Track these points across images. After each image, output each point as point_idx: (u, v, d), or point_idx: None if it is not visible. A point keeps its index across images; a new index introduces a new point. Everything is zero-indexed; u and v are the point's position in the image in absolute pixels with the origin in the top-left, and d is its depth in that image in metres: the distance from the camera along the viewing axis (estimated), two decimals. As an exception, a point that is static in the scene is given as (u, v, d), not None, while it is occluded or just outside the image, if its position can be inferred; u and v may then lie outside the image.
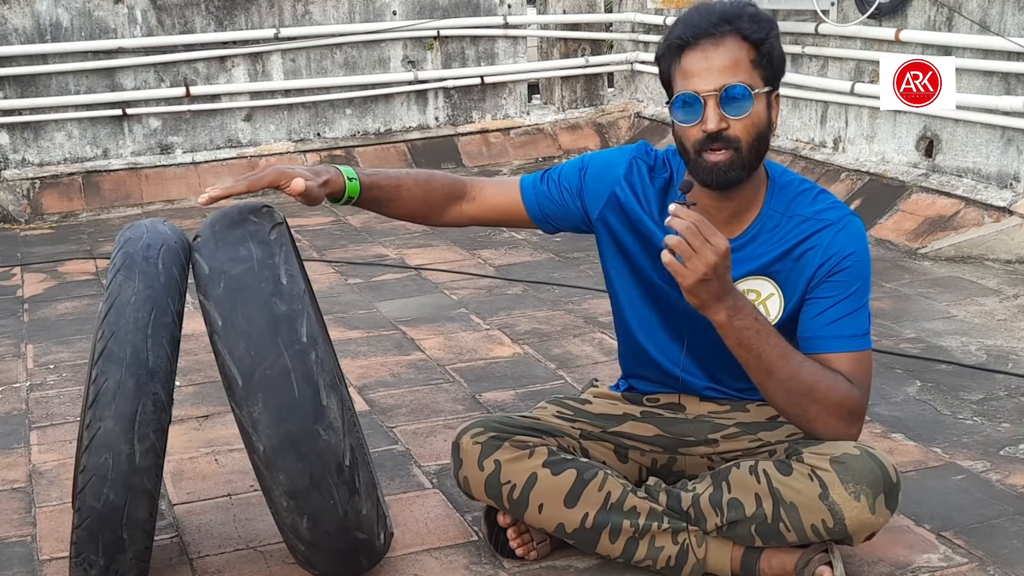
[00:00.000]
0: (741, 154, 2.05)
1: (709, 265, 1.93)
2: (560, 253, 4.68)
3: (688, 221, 1.94)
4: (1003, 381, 3.20)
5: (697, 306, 2.00)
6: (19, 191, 5.66)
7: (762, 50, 2.04)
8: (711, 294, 1.97)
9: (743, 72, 2.03)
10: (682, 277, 1.96)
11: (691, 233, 1.93)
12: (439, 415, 3.07)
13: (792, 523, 2.05)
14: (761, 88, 2.05)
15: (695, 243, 1.93)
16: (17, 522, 2.54)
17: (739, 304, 2.01)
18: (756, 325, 2.02)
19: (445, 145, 6.43)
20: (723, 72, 2.02)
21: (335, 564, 2.12)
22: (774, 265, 2.15)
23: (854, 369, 2.09)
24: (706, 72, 2.03)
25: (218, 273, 2.02)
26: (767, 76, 2.06)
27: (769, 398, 2.09)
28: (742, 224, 2.16)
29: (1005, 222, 4.37)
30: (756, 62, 2.04)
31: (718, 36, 2.03)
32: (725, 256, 1.95)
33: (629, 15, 6.68)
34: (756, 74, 2.04)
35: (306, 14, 6.09)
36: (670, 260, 1.96)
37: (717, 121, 2.02)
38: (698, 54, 2.04)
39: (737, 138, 2.04)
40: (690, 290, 1.97)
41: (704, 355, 2.26)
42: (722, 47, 2.03)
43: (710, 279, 1.95)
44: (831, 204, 2.16)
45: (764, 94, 2.06)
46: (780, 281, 2.16)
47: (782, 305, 2.16)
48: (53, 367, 3.55)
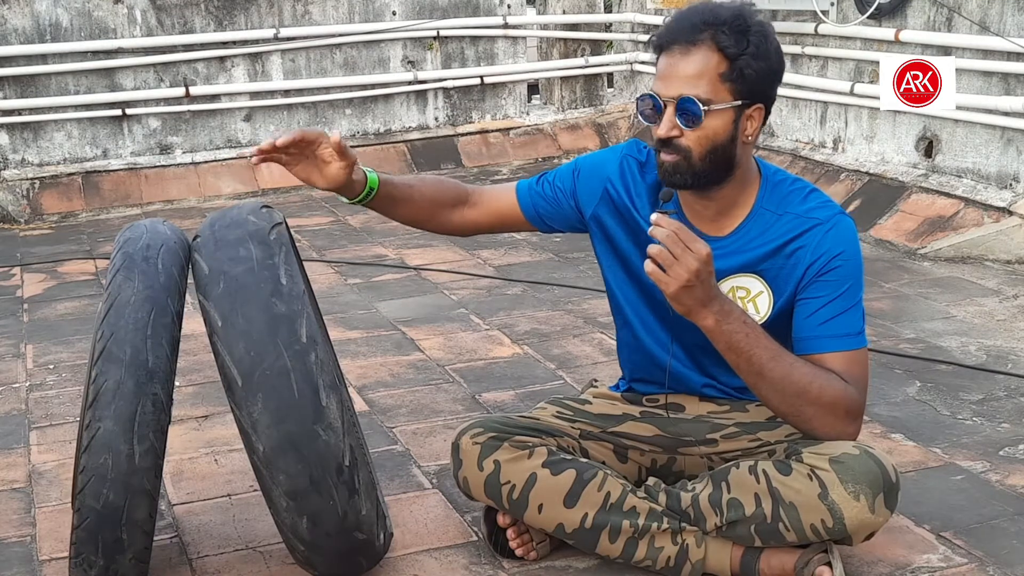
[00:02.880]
0: (691, 162, 2.05)
1: (691, 271, 1.94)
2: (560, 253, 4.68)
3: (668, 229, 1.95)
4: (1003, 381, 3.20)
5: (683, 313, 2.00)
6: (19, 191, 5.66)
7: (735, 65, 2.02)
8: (696, 300, 1.97)
9: (706, 85, 2.02)
10: (665, 285, 1.96)
11: (672, 241, 1.94)
12: (439, 415, 3.07)
13: (792, 523, 2.05)
14: (726, 103, 2.03)
15: (676, 250, 1.94)
16: (17, 522, 2.54)
17: (726, 308, 2.01)
18: (745, 329, 2.02)
19: (445, 145, 6.43)
20: (685, 81, 2.02)
21: (335, 564, 2.12)
22: (764, 262, 2.16)
23: (849, 368, 2.09)
24: (671, 77, 2.04)
25: (218, 273, 2.02)
26: (740, 90, 2.04)
27: (763, 400, 2.10)
28: (734, 222, 2.17)
29: (1005, 222, 4.37)
30: (725, 76, 2.02)
31: (690, 44, 2.02)
32: (707, 262, 1.95)
33: (629, 15, 6.68)
34: (724, 88, 2.03)
35: (306, 14, 6.09)
36: (652, 269, 1.96)
37: (668, 128, 2.04)
38: (669, 57, 2.05)
39: (688, 148, 2.05)
40: (674, 297, 1.97)
41: (695, 349, 2.27)
42: (691, 56, 2.02)
43: (693, 285, 1.95)
44: (821, 203, 2.16)
45: (731, 108, 2.04)
46: (770, 279, 2.16)
47: (771, 303, 2.16)
48: (53, 367, 3.55)
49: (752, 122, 2.09)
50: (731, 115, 2.05)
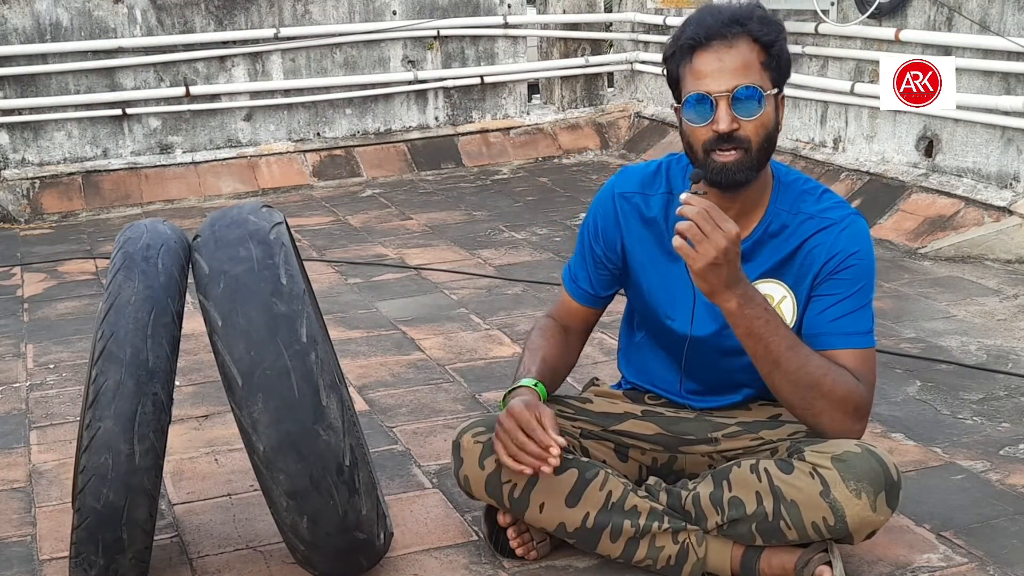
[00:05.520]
0: (751, 155, 2.06)
1: (720, 249, 1.95)
2: (560, 253, 4.68)
3: (699, 207, 1.96)
4: (1003, 381, 3.20)
5: (707, 293, 2.02)
6: (19, 191, 5.66)
7: (772, 52, 2.07)
8: (721, 280, 1.99)
9: (754, 74, 2.05)
10: (692, 260, 1.97)
11: (702, 218, 1.95)
12: (439, 415, 3.07)
13: (793, 521, 2.05)
14: (770, 90, 2.07)
15: (706, 228, 1.95)
16: (17, 522, 2.54)
17: (749, 293, 2.03)
18: (766, 315, 2.03)
19: (445, 145, 6.43)
20: (735, 73, 2.04)
21: (335, 564, 2.12)
22: (784, 266, 2.17)
23: (859, 366, 2.10)
24: (719, 73, 2.04)
25: (218, 273, 2.02)
26: (775, 78, 2.09)
27: (776, 390, 2.10)
28: (750, 223, 2.17)
29: (1005, 222, 4.37)
30: (766, 64, 2.07)
31: (730, 37, 2.05)
32: (735, 241, 1.97)
33: (629, 15, 6.68)
34: (766, 76, 2.07)
35: (306, 14, 6.09)
36: (680, 244, 1.98)
37: (729, 122, 2.04)
38: (710, 55, 2.05)
39: (748, 139, 2.05)
40: (700, 275, 1.99)
41: (693, 371, 2.30)
42: (734, 49, 2.05)
43: (720, 264, 1.96)
44: (836, 203, 2.18)
45: (773, 95, 2.08)
46: (791, 283, 2.17)
47: (795, 308, 2.16)
48: (53, 367, 3.55)
49: (781, 111, 2.13)
50: (773, 103, 2.09)
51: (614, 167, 6.26)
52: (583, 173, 6.22)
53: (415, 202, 5.69)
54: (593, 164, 6.46)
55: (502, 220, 5.26)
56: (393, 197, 5.81)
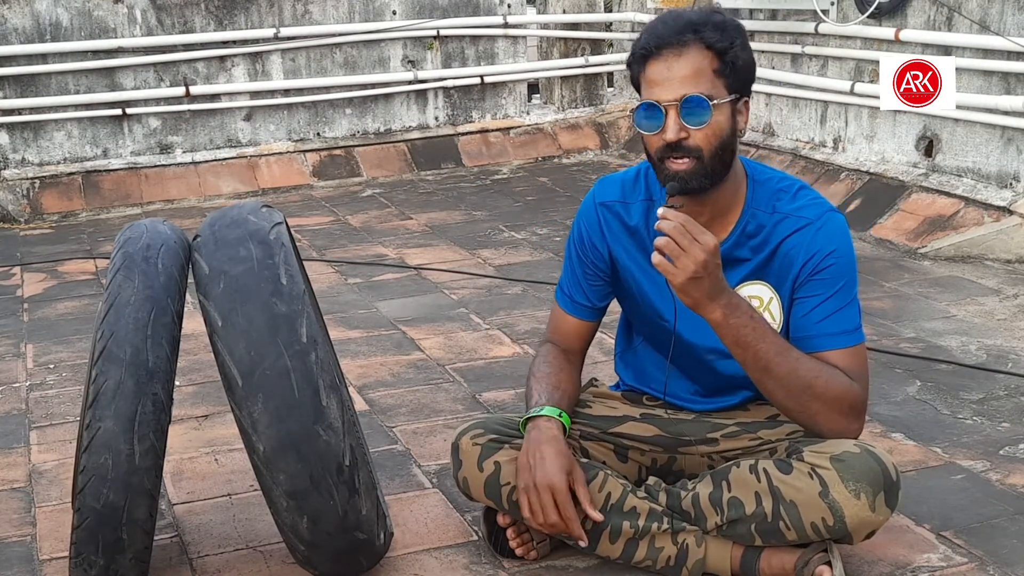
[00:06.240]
0: (703, 163, 2.05)
1: (698, 263, 1.94)
2: (560, 253, 4.68)
3: (675, 221, 1.95)
4: (1003, 381, 3.20)
5: (691, 306, 2.01)
6: (19, 191, 5.66)
7: (726, 59, 2.04)
8: (703, 293, 1.98)
9: (705, 82, 2.03)
10: (672, 276, 1.97)
11: (679, 232, 1.95)
12: (439, 415, 3.07)
13: (792, 521, 2.05)
14: (724, 97, 2.05)
15: (683, 242, 1.95)
16: (17, 522, 2.54)
17: (734, 302, 2.02)
18: (752, 323, 2.03)
19: (445, 145, 6.43)
20: (684, 82, 2.02)
21: (335, 564, 2.12)
22: (766, 267, 2.16)
23: (850, 364, 2.10)
24: (667, 82, 2.03)
25: (218, 273, 2.02)
26: (732, 84, 2.06)
27: (769, 396, 2.10)
28: (726, 226, 2.16)
29: (1005, 222, 4.37)
30: (720, 71, 2.04)
31: (681, 45, 2.03)
32: (714, 253, 1.96)
33: (629, 15, 6.68)
34: (719, 83, 2.04)
35: (306, 14, 6.09)
36: (659, 260, 1.97)
37: (676, 131, 2.03)
38: (660, 64, 2.04)
39: (698, 147, 2.04)
40: (682, 289, 1.98)
41: (690, 373, 2.30)
42: (684, 57, 2.03)
43: (701, 277, 1.96)
44: (811, 200, 2.16)
45: (728, 103, 2.06)
46: (775, 284, 2.16)
47: (781, 307, 2.16)
48: (53, 367, 3.55)
49: (742, 116, 2.11)
50: (729, 109, 2.06)
51: (614, 167, 6.26)
52: (583, 173, 6.22)
53: (415, 202, 5.69)
54: (593, 164, 6.46)
55: (502, 220, 5.27)
56: (393, 197, 5.81)
